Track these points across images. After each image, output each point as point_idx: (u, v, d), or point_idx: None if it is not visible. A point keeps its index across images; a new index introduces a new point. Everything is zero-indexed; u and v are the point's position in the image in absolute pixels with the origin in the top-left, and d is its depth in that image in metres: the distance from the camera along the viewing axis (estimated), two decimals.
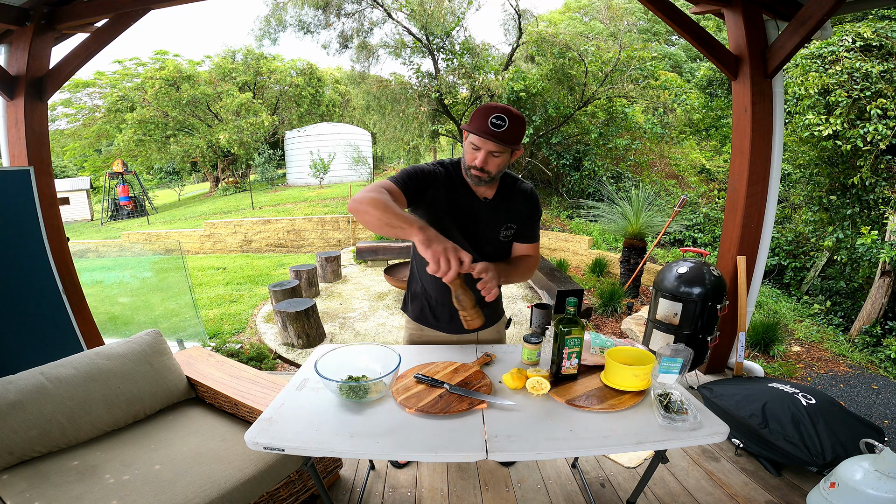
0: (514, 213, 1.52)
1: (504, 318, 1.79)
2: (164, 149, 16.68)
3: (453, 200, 1.46)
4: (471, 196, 1.47)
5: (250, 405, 1.74)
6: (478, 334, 1.69)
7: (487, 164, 1.35)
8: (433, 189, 1.43)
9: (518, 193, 1.52)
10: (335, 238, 9.60)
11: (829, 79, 5.52)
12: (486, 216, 1.49)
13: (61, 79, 2.53)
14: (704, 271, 2.62)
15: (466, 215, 1.47)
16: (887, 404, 3.32)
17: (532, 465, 2.09)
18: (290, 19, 10.27)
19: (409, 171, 1.40)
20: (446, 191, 1.45)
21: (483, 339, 1.70)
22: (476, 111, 1.34)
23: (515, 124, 1.32)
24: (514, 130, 1.32)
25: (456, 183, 1.47)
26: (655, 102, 9.77)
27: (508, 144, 1.31)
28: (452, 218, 1.47)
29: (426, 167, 1.44)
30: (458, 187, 1.47)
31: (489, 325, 1.70)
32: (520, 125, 1.33)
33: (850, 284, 6.59)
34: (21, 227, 2.31)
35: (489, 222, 1.50)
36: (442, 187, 1.44)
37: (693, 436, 1.16)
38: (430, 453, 1.10)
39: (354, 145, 14.81)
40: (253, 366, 3.26)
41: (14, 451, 1.49)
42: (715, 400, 2.30)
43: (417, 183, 1.39)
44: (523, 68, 9.49)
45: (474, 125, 1.32)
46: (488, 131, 1.30)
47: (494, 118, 1.29)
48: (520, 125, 1.33)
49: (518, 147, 1.36)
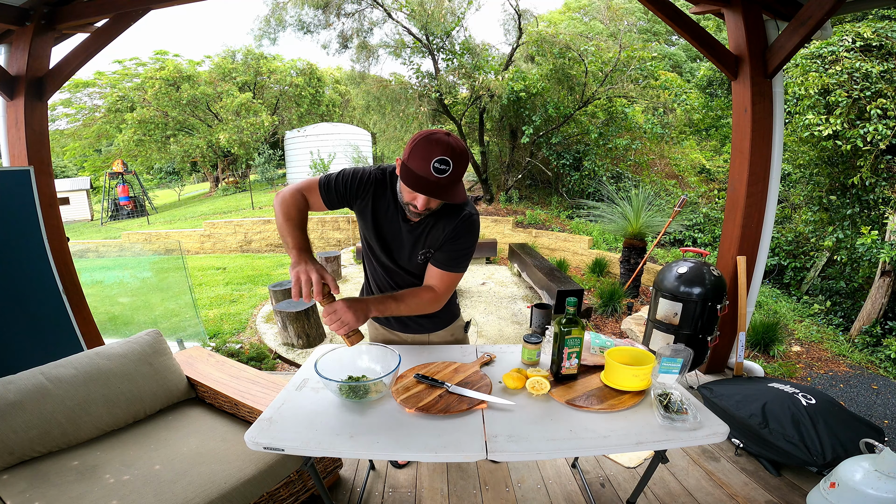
0: (434, 238, 1.40)
1: (460, 321, 1.74)
2: (164, 149, 16.68)
3: (378, 216, 1.40)
4: (397, 215, 1.39)
5: (250, 405, 1.74)
6: (429, 335, 1.68)
7: (430, 204, 1.24)
8: (361, 200, 1.38)
9: (448, 219, 1.36)
10: (335, 238, 9.60)
11: (829, 79, 5.52)
12: (406, 238, 1.41)
13: (61, 79, 2.53)
14: (704, 271, 2.62)
15: (388, 233, 1.43)
16: (887, 404, 3.31)
17: (532, 465, 2.09)
18: (289, 19, 10.26)
19: (337, 180, 1.35)
20: (374, 203, 1.39)
21: (435, 341, 1.69)
22: (415, 145, 1.16)
23: (459, 163, 1.16)
24: (458, 171, 1.17)
25: (388, 196, 1.38)
26: (655, 102, 9.77)
27: (449, 193, 1.17)
28: (374, 233, 1.43)
29: (363, 174, 1.36)
30: (388, 202, 1.38)
31: (441, 328, 1.67)
32: (464, 162, 1.18)
33: (850, 284, 6.59)
34: (21, 227, 2.31)
35: (408, 244, 1.43)
36: (370, 199, 1.38)
37: (693, 436, 1.16)
38: (430, 453, 1.10)
39: (354, 145, 14.80)
40: (253, 366, 3.26)
41: (14, 451, 1.49)
42: (715, 400, 2.30)
43: (342, 194, 1.36)
44: (523, 68, 9.49)
45: (411, 175, 1.15)
46: (428, 185, 1.15)
47: (437, 162, 1.12)
48: (464, 162, 1.18)
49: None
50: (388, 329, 1.70)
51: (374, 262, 1.55)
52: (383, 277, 1.55)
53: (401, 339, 1.70)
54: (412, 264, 1.48)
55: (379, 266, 1.54)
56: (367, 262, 1.59)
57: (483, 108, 9.20)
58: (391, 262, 1.49)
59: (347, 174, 1.36)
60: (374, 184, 1.37)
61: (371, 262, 1.57)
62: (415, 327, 1.66)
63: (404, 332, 1.68)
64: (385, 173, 1.39)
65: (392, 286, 1.54)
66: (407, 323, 1.65)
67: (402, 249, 1.46)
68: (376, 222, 1.42)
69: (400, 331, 1.68)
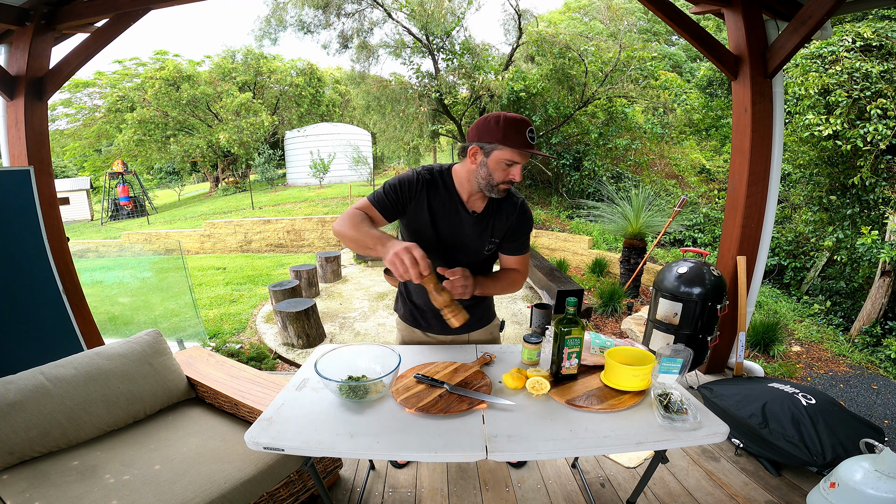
0: (500, 227, 1.48)
1: (497, 321, 1.77)
2: (164, 149, 16.69)
3: (436, 213, 1.43)
4: (458, 208, 1.44)
5: (250, 405, 1.74)
6: (468, 335, 1.69)
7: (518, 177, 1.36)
8: (415, 200, 1.41)
9: (508, 207, 1.48)
10: (335, 238, 9.60)
11: (829, 79, 5.53)
12: (472, 230, 1.46)
13: (61, 79, 2.53)
14: (704, 271, 2.62)
15: (448, 229, 1.45)
16: (887, 404, 3.32)
17: (532, 465, 2.09)
18: (290, 19, 10.27)
19: (386, 189, 1.39)
20: (430, 202, 1.41)
21: (474, 340, 1.70)
22: (504, 126, 1.28)
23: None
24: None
25: (443, 194, 1.42)
26: (655, 102, 9.78)
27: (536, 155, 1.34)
28: (435, 229, 1.44)
29: (408, 178, 1.40)
30: (445, 199, 1.43)
31: (480, 327, 1.70)
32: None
33: (850, 284, 6.59)
34: (21, 227, 2.31)
35: (474, 236, 1.47)
36: (425, 199, 1.41)
37: (693, 436, 1.16)
38: (430, 453, 1.10)
39: (354, 145, 14.81)
40: (253, 366, 3.26)
41: (14, 451, 1.49)
42: (715, 400, 2.30)
43: (394, 200, 1.39)
44: (523, 68, 9.49)
45: (514, 141, 1.28)
46: (529, 146, 1.29)
47: (529, 132, 1.29)
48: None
49: None
50: (427, 332, 1.68)
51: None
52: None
53: (437, 339, 1.69)
54: (478, 256, 1.52)
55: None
56: None
57: (483, 108, 9.20)
58: (450, 258, 1.49)
59: (394, 182, 1.40)
60: (424, 184, 1.40)
61: None
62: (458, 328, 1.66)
63: (443, 333, 1.67)
64: (433, 173, 1.43)
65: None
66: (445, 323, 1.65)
67: (466, 242, 1.48)
68: (434, 220, 1.43)
69: (440, 332, 1.67)
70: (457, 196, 1.43)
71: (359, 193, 11.84)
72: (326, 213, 10.04)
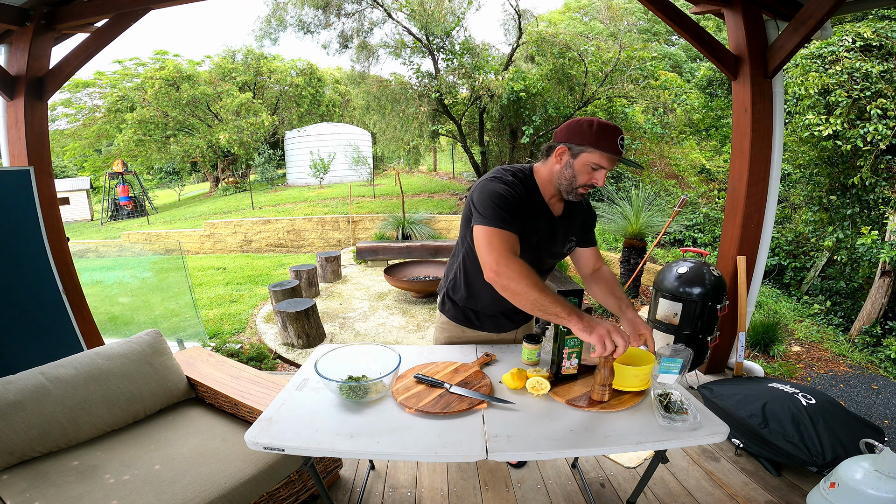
0: (575, 226, 1.53)
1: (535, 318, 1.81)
2: (164, 149, 16.67)
3: (533, 219, 1.40)
4: (546, 212, 1.44)
5: (250, 405, 1.74)
6: (515, 333, 1.73)
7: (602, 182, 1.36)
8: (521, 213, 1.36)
9: (577, 205, 1.51)
10: (335, 238, 9.60)
11: (829, 79, 5.52)
12: (559, 232, 1.49)
13: (61, 79, 2.53)
14: (704, 271, 2.62)
15: (544, 232, 1.45)
16: (887, 404, 3.32)
17: (532, 465, 2.09)
18: (290, 19, 10.25)
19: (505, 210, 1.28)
20: (526, 210, 1.37)
21: (520, 339, 1.73)
22: (598, 129, 1.27)
23: None
24: None
25: (534, 200, 1.41)
26: (655, 102, 9.77)
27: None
28: (530, 236, 1.40)
29: (512, 196, 1.32)
30: (537, 205, 1.41)
31: (526, 323, 1.75)
32: None
33: (850, 284, 6.59)
34: (21, 227, 2.31)
35: (559, 237, 1.50)
36: (524, 208, 1.36)
37: (693, 436, 1.16)
38: (430, 453, 1.10)
39: (354, 145, 14.80)
40: (253, 366, 3.26)
41: (14, 451, 1.49)
42: (715, 400, 2.30)
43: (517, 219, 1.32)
44: (523, 68, 9.49)
45: (607, 146, 1.27)
46: (620, 153, 1.28)
47: (621, 140, 1.27)
48: None
49: None
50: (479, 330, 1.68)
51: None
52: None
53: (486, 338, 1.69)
54: (558, 258, 1.55)
55: None
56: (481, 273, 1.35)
57: (483, 108, 9.20)
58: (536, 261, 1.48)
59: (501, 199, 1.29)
60: (520, 193, 1.36)
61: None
62: (508, 326, 1.69)
63: (497, 331, 1.68)
64: (519, 177, 1.38)
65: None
66: (502, 323, 1.67)
67: (551, 243, 1.49)
68: (531, 224, 1.40)
69: (493, 331, 1.68)
70: (541, 199, 1.42)
71: (358, 193, 11.84)
72: (326, 213, 10.04)
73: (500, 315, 1.65)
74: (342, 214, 9.69)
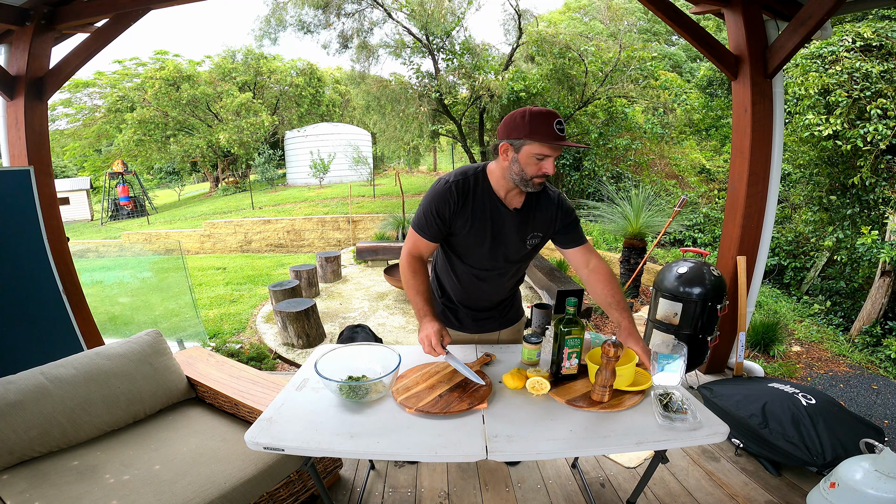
0: (542, 220, 1.50)
1: (524, 319, 1.79)
2: (164, 149, 16.68)
3: (479, 215, 1.43)
4: (498, 207, 1.44)
5: (250, 405, 1.74)
6: (499, 334, 1.71)
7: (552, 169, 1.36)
8: (458, 217, 1.42)
9: (546, 201, 1.49)
10: (335, 238, 9.60)
11: (829, 79, 5.52)
12: (514, 226, 1.47)
13: (61, 79, 2.53)
14: (704, 271, 2.62)
15: (493, 227, 1.45)
16: (887, 404, 3.31)
17: (532, 465, 2.09)
18: (290, 19, 10.26)
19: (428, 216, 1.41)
20: (472, 206, 1.41)
21: (503, 340, 1.72)
22: (530, 120, 1.28)
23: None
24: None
25: (481, 195, 1.42)
26: (655, 102, 9.78)
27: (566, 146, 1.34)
28: (478, 232, 1.44)
29: (442, 195, 1.39)
30: (486, 200, 1.42)
31: (510, 325, 1.72)
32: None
33: (850, 284, 6.59)
34: (21, 227, 2.31)
35: (516, 231, 1.48)
36: (468, 204, 1.41)
37: (693, 436, 1.16)
38: (430, 453, 1.10)
39: (354, 145, 14.81)
40: (253, 366, 3.25)
41: (14, 451, 1.49)
42: (715, 400, 2.30)
43: (440, 224, 1.42)
44: (523, 68, 9.50)
45: (543, 135, 1.26)
46: (559, 138, 1.27)
47: (558, 124, 1.27)
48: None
49: None
50: (459, 330, 1.69)
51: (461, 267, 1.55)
52: (471, 281, 1.56)
53: (467, 338, 1.70)
54: (521, 252, 1.52)
55: (468, 270, 1.54)
56: (449, 272, 1.61)
57: (483, 108, 9.20)
58: (491, 260, 1.49)
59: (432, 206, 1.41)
60: (461, 193, 1.40)
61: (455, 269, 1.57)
62: (490, 326, 1.68)
63: (478, 331, 1.68)
64: (468, 177, 1.42)
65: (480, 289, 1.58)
66: (483, 323, 1.67)
67: (508, 239, 1.48)
68: (478, 219, 1.43)
69: (474, 332, 1.69)
70: (494, 195, 1.43)
71: (358, 193, 11.84)
72: (326, 213, 10.04)
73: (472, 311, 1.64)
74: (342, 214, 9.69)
